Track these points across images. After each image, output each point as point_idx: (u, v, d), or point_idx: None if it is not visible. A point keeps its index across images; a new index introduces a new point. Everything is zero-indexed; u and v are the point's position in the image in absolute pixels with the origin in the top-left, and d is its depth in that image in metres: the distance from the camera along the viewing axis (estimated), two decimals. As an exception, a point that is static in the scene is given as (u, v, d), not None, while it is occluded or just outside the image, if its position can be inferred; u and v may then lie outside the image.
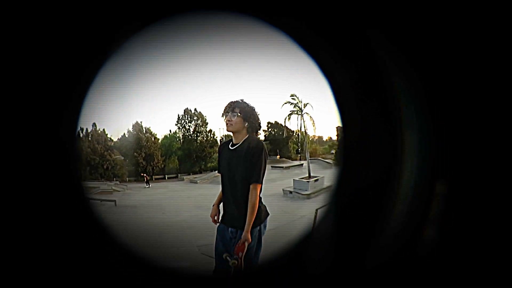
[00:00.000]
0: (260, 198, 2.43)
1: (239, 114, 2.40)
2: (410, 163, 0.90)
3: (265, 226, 2.52)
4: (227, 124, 2.42)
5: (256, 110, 2.49)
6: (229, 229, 2.53)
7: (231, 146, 2.49)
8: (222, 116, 2.48)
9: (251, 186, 2.33)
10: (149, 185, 23.75)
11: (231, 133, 2.51)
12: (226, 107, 2.45)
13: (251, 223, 2.34)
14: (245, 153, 2.36)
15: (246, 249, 2.41)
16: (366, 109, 0.91)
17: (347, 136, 0.97)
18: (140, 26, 0.85)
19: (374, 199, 0.93)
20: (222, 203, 2.58)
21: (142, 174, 25.97)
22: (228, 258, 2.49)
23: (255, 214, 2.35)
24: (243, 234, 2.36)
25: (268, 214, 2.52)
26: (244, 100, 2.50)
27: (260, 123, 2.52)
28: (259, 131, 2.57)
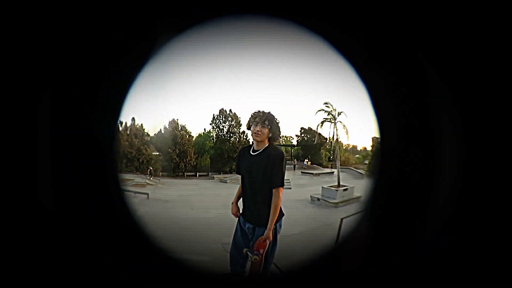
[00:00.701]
0: None
1: (268, 127, 2.58)
2: (446, 173, 0.90)
3: (280, 226, 2.69)
4: (256, 134, 2.60)
5: (280, 122, 2.67)
6: (246, 225, 2.72)
7: (253, 152, 2.68)
8: (250, 125, 2.63)
9: (274, 190, 2.52)
10: (151, 177, 23.77)
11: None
12: (256, 118, 2.60)
13: (273, 223, 2.53)
14: (267, 160, 2.53)
15: (267, 246, 2.55)
16: (404, 118, 0.92)
17: (384, 146, 0.98)
18: (182, 28, 0.89)
19: (409, 209, 0.94)
20: (242, 200, 2.77)
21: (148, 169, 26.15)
22: (248, 253, 2.64)
23: (277, 214, 2.54)
24: (266, 232, 2.53)
25: (283, 215, 2.69)
26: (271, 113, 2.65)
27: (280, 133, 2.70)
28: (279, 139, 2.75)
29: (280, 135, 2.72)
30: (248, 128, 2.70)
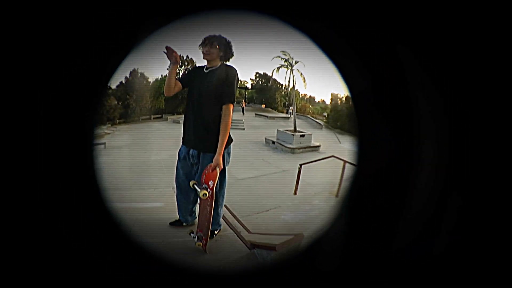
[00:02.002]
0: None
1: (217, 47, 2.47)
2: (425, 173, 0.89)
3: (229, 154, 2.54)
4: (204, 53, 2.48)
5: (231, 43, 2.57)
6: (190, 152, 2.53)
7: (206, 70, 2.53)
8: (199, 46, 2.52)
9: (224, 106, 2.38)
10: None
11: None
12: (205, 40, 2.48)
13: (223, 146, 2.36)
14: (219, 76, 2.41)
15: (218, 176, 2.33)
16: (383, 108, 0.91)
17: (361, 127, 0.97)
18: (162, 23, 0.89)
19: (387, 195, 0.93)
20: (183, 125, 2.60)
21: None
22: (196, 187, 2.39)
23: (227, 135, 2.39)
24: (216, 157, 2.34)
25: (232, 140, 2.54)
26: (221, 35, 2.55)
27: (233, 53, 2.59)
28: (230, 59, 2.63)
29: (232, 55, 2.58)
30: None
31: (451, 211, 0.87)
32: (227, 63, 2.57)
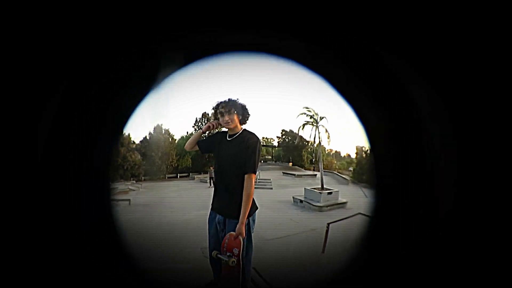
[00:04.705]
0: None
1: (235, 112, 2.56)
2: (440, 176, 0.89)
3: (254, 221, 2.51)
4: (227, 123, 2.57)
5: (245, 104, 2.66)
6: (217, 218, 2.53)
7: (229, 138, 2.61)
8: (217, 117, 2.64)
9: (246, 176, 2.39)
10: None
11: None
12: (221, 109, 2.58)
13: (246, 214, 2.34)
14: (241, 144, 2.47)
15: (242, 245, 2.29)
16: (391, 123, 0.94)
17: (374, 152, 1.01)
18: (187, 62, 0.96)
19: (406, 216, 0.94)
20: (213, 190, 2.64)
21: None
22: (220, 256, 2.34)
23: (250, 204, 2.37)
24: (238, 226, 2.32)
25: (257, 208, 2.54)
26: (232, 99, 2.63)
27: (249, 115, 2.68)
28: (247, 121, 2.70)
29: (249, 117, 2.68)
30: (216, 121, 2.68)
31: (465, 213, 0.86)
32: (247, 127, 2.65)
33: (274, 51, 0.97)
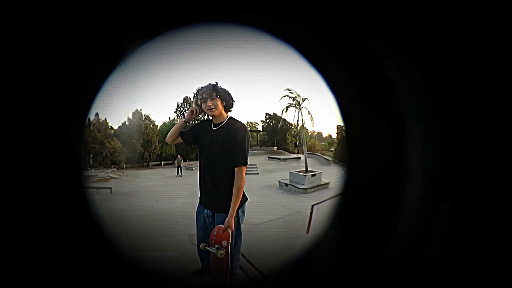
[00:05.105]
0: None
1: (217, 96, 2.33)
2: (415, 180, 0.90)
3: (243, 212, 2.42)
4: (210, 109, 2.36)
5: (227, 89, 2.45)
6: (205, 211, 2.43)
7: (214, 127, 2.40)
8: (199, 103, 2.41)
9: (236, 169, 2.27)
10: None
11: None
12: (203, 94, 2.37)
13: (236, 209, 2.26)
14: (228, 134, 2.31)
15: (231, 237, 2.25)
16: (370, 117, 0.95)
17: (350, 139, 1.02)
18: (154, 34, 0.93)
19: (378, 202, 0.95)
20: (198, 184, 2.48)
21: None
22: (208, 248, 2.31)
23: (240, 198, 2.28)
24: (227, 219, 2.25)
25: (246, 199, 2.43)
26: (213, 83, 2.42)
27: (233, 101, 2.48)
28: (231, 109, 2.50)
29: (233, 103, 2.48)
30: (198, 106, 2.46)
31: (442, 216, 0.86)
32: (232, 113, 2.47)
33: (245, 22, 0.94)
